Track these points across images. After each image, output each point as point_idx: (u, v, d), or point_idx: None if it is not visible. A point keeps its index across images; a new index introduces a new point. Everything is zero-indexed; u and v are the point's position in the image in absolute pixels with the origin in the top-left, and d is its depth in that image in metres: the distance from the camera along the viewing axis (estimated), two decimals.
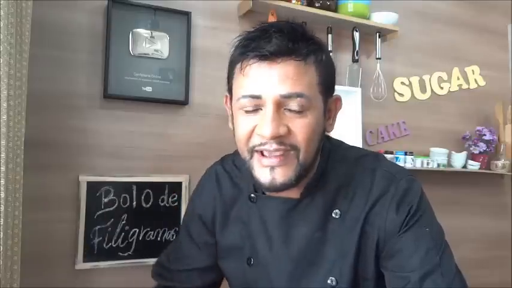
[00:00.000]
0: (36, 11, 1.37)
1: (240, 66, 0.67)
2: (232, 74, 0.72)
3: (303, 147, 0.67)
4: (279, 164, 0.66)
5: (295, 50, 0.65)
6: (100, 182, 1.51)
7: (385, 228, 0.71)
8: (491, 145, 2.18)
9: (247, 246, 0.81)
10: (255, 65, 0.65)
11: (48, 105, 1.46)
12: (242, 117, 0.69)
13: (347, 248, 0.73)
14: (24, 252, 1.23)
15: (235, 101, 0.69)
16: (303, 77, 0.65)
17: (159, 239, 1.59)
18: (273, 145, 0.65)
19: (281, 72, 0.64)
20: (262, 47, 0.64)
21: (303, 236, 0.74)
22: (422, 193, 0.74)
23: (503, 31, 2.47)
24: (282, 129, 0.65)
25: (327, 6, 1.83)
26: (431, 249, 0.69)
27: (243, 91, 0.67)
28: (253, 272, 0.80)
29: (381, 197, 0.73)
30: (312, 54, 0.67)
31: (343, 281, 0.73)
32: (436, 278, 0.67)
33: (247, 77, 0.66)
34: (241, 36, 0.71)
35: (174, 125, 1.66)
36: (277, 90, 0.64)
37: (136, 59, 1.58)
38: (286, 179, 0.67)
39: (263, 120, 0.65)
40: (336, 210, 0.74)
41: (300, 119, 0.66)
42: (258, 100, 0.66)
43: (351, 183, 0.75)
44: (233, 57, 0.71)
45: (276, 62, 0.64)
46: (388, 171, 0.76)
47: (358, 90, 1.96)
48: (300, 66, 0.65)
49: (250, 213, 0.80)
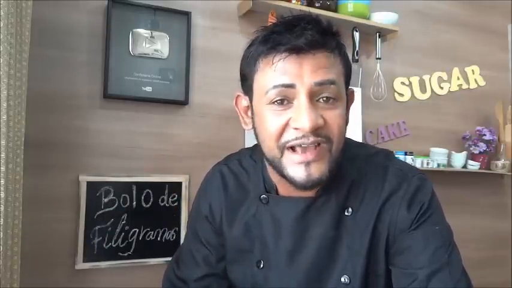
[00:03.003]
0: (36, 11, 1.37)
1: (271, 60, 0.65)
2: (254, 69, 0.69)
3: (336, 139, 0.66)
4: (314, 159, 0.65)
5: (325, 43, 0.66)
6: (100, 182, 1.51)
7: (396, 225, 0.71)
8: (491, 145, 2.18)
9: (256, 249, 0.79)
10: (288, 58, 0.64)
11: (48, 105, 1.46)
12: (270, 113, 0.66)
13: (359, 246, 0.73)
14: (24, 252, 1.23)
15: (262, 96, 0.67)
16: (333, 67, 0.67)
17: (159, 239, 1.59)
18: (310, 138, 0.64)
19: (314, 63, 0.64)
20: (294, 40, 0.64)
21: (318, 235, 0.74)
22: (434, 191, 0.74)
23: (503, 31, 2.47)
24: (320, 120, 0.64)
25: (327, 6, 1.83)
26: (440, 248, 0.69)
27: (273, 82, 0.65)
28: (263, 275, 0.78)
29: (392, 194, 0.73)
30: (338, 47, 0.69)
31: (356, 278, 0.72)
32: (444, 276, 0.67)
33: (278, 69, 0.65)
34: (262, 31, 0.69)
35: (174, 125, 1.66)
36: (311, 79, 0.64)
37: (136, 59, 1.58)
38: (322, 173, 0.66)
39: (299, 112, 0.64)
40: (349, 208, 0.74)
41: (333, 110, 0.66)
42: (290, 90, 0.64)
43: (362, 181, 0.75)
44: (257, 52, 0.68)
45: (309, 54, 0.64)
46: (400, 168, 0.76)
47: (358, 90, 1.96)
48: (331, 57, 0.66)
49: (261, 214, 0.78)
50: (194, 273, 0.85)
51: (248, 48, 0.71)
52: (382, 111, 2.05)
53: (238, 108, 0.77)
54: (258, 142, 0.72)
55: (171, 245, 1.59)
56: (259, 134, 0.71)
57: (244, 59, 0.72)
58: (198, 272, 0.84)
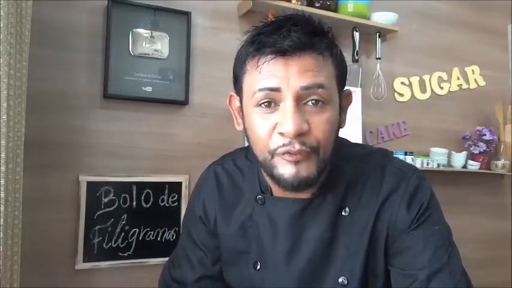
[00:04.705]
0: (36, 11, 1.37)
1: (257, 62, 0.64)
2: (243, 71, 0.68)
3: (322, 145, 0.65)
4: (302, 159, 0.64)
5: (313, 44, 0.64)
6: (100, 182, 1.51)
7: (395, 225, 0.71)
8: (491, 145, 2.18)
9: (253, 250, 0.78)
10: (274, 60, 0.63)
11: (48, 105, 1.46)
12: (258, 116, 0.65)
13: (357, 246, 0.72)
14: (24, 252, 1.23)
15: (250, 98, 0.66)
16: (323, 69, 0.64)
17: (159, 239, 1.59)
18: (296, 145, 0.62)
19: (300, 65, 0.62)
20: (280, 42, 0.62)
21: (315, 236, 0.73)
22: (432, 191, 0.74)
23: (503, 31, 2.47)
24: (305, 125, 0.63)
25: (327, 6, 1.83)
26: (439, 248, 0.69)
27: (259, 84, 0.64)
28: (260, 277, 0.77)
29: (391, 193, 0.72)
30: (329, 48, 0.66)
31: (354, 279, 0.72)
32: (444, 277, 0.67)
33: (264, 72, 0.63)
34: (253, 31, 0.67)
35: (174, 125, 1.66)
36: (298, 83, 0.62)
37: (136, 59, 1.58)
38: (310, 172, 0.65)
39: (284, 117, 0.62)
40: (346, 208, 0.73)
41: (320, 114, 0.64)
42: (276, 93, 0.63)
43: (359, 181, 0.74)
44: (245, 53, 0.67)
45: (295, 56, 0.62)
46: (398, 167, 0.75)
47: (358, 90, 1.96)
48: (319, 59, 0.64)
49: (257, 215, 0.78)
50: (189, 275, 0.84)
51: (239, 49, 0.70)
52: (382, 111, 2.05)
53: (232, 108, 0.76)
54: (249, 143, 0.71)
55: (171, 245, 1.58)
56: (250, 136, 0.70)
57: (235, 59, 0.71)
58: (193, 273, 0.84)
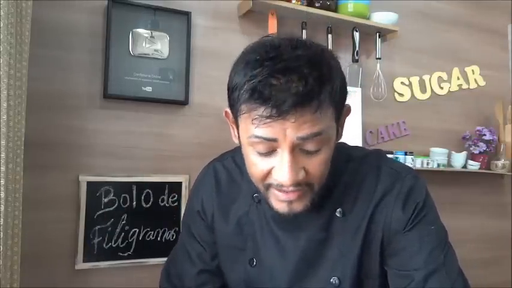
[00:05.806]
0: (36, 11, 1.37)
1: (249, 114, 0.60)
2: (238, 108, 0.63)
3: (318, 183, 0.66)
4: (296, 199, 0.65)
5: (313, 97, 0.59)
6: (100, 182, 1.51)
7: (390, 225, 0.71)
8: (491, 145, 2.18)
9: (249, 246, 0.79)
10: (268, 118, 0.59)
11: (48, 105, 1.46)
12: (255, 156, 0.64)
13: (350, 247, 0.72)
14: (24, 252, 1.23)
15: (245, 136, 0.63)
16: (322, 117, 0.61)
17: (159, 239, 1.59)
18: (290, 188, 0.63)
19: (299, 118, 0.59)
20: (278, 96, 0.57)
21: (307, 236, 0.74)
22: (427, 191, 0.74)
23: (503, 31, 2.47)
24: (301, 174, 0.63)
25: (327, 6, 1.83)
26: (435, 248, 0.69)
27: (255, 132, 0.61)
28: (256, 273, 0.78)
29: (386, 194, 0.72)
30: (328, 93, 0.60)
31: (346, 280, 0.72)
32: (440, 277, 0.67)
33: (259, 125, 0.60)
34: (244, 61, 0.62)
35: (173, 125, 1.66)
36: (295, 134, 0.59)
37: (136, 59, 1.58)
38: (303, 207, 0.66)
39: (280, 167, 0.62)
40: (339, 209, 0.74)
41: (317, 157, 0.63)
42: (272, 143, 0.61)
43: (355, 182, 0.75)
44: (240, 97, 0.61)
45: (293, 110, 0.58)
46: (392, 168, 0.75)
47: (358, 90, 1.96)
48: (319, 109, 0.60)
49: (253, 212, 0.79)
50: (189, 270, 0.85)
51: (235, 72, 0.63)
52: (382, 111, 2.05)
53: (229, 121, 0.72)
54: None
55: (171, 245, 1.57)
56: (245, 164, 0.69)
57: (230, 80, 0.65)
58: (193, 268, 0.84)
